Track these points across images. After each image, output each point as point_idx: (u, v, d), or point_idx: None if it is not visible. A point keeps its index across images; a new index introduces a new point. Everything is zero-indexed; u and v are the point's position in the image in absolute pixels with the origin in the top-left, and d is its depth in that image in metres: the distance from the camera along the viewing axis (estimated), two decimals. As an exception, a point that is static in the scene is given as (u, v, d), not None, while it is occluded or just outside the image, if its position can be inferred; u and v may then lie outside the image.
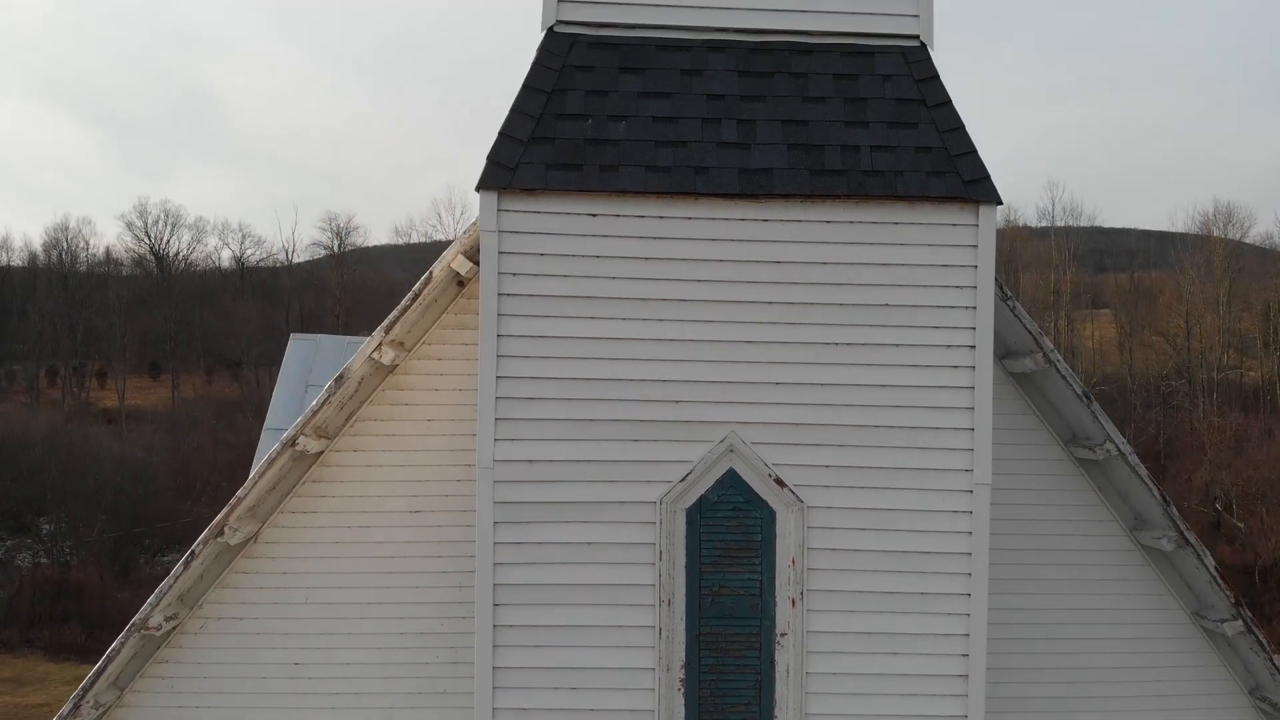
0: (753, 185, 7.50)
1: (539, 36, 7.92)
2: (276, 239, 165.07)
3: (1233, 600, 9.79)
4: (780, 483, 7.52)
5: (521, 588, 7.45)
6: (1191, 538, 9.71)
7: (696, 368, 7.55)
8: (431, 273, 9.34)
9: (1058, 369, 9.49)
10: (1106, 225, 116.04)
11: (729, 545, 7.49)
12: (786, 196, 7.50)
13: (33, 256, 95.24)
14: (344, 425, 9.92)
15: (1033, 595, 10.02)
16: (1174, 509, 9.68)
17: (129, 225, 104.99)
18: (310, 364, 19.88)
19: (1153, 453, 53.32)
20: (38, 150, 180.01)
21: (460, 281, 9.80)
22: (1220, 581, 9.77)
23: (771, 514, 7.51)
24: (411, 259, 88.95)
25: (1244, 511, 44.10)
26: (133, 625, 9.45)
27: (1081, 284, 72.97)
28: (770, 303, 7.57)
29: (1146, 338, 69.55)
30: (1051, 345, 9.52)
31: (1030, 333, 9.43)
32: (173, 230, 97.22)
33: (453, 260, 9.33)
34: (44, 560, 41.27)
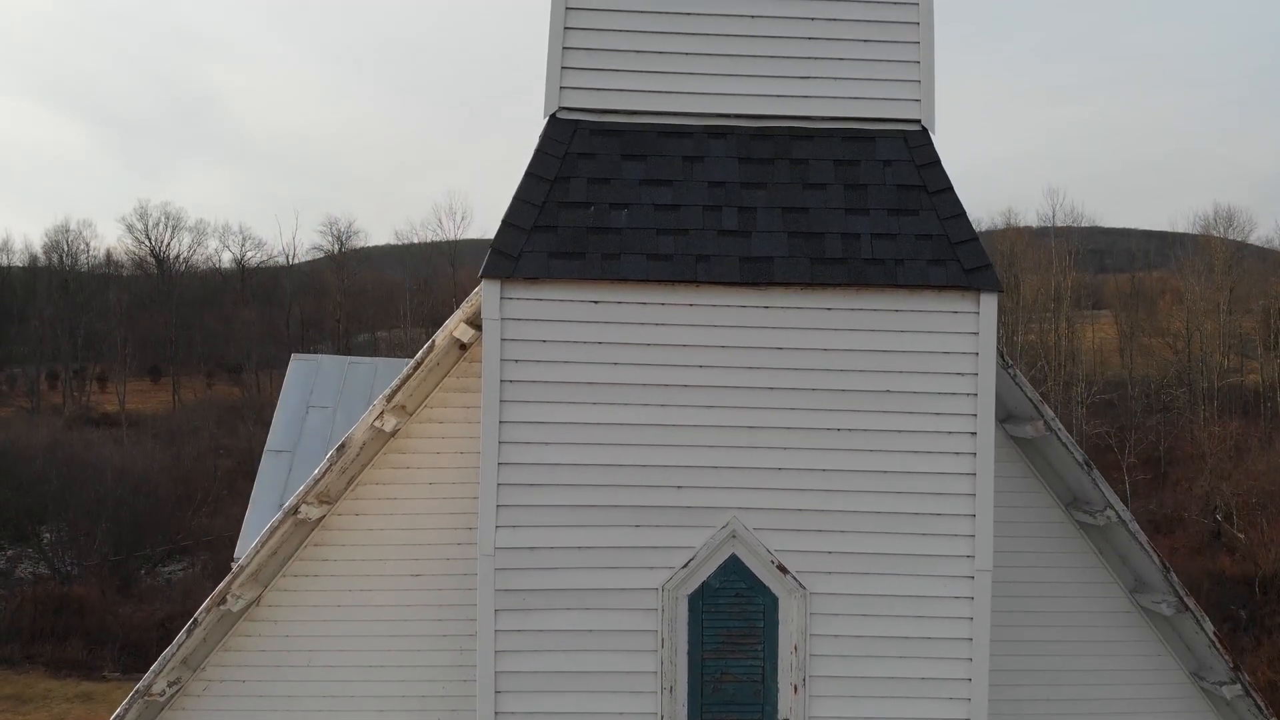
0: (754, 274, 7.53)
1: (539, 37, 7.96)
2: (277, 242, 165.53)
3: (1231, 664, 9.83)
4: (783, 569, 7.55)
5: (523, 675, 7.48)
6: (1190, 603, 9.74)
7: (698, 453, 7.58)
8: (434, 341, 9.37)
9: (1059, 437, 9.51)
10: (1107, 225, 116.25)
11: (731, 632, 7.53)
12: (787, 284, 7.53)
13: (33, 259, 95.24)
14: (345, 489, 9.94)
15: (1033, 656, 10.04)
16: (1174, 575, 9.71)
17: (130, 228, 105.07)
18: (311, 385, 19.90)
19: (1153, 459, 53.37)
20: (38, 150, 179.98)
21: (462, 345, 9.82)
22: (1219, 646, 9.80)
23: (774, 600, 7.54)
24: (411, 259, 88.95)
25: (1244, 522, 44.07)
26: (136, 693, 9.49)
27: (1082, 285, 72.93)
28: (772, 389, 7.60)
29: (1146, 340, 69.57)
30: (1053, 414, 9.55)
31: (1031, 401, 9.45)
32: (173, 233, 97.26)
33: (455, 329, 9.35)
34: (44, 571, 41.30)
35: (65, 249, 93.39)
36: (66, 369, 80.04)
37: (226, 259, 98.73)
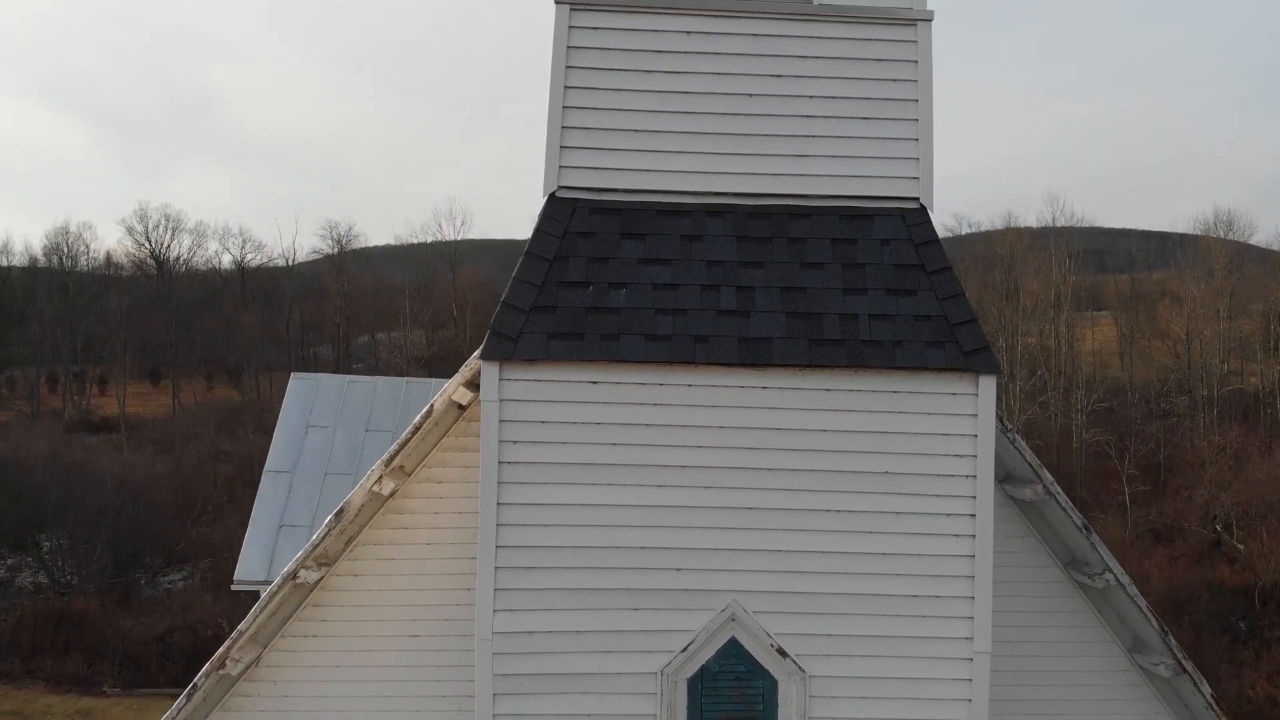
0: (752, 355, 7.52)
1: (538, 37, 7.99)
2: (277, 245, 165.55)
3: (1231, 726, 9.82)
4: (782, 652, 7.54)
5: (522, 759, 7.46)
6: (1188, 665, 9.74)
7: (697, 535, 7.57)
8: (432, 406, 9.36)
9: (1058, 501, 9.51)
10: (1107, 226, 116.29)
11: (731, 715, 7.52)
12: (785, 365, 7.51)
13: (33, 260, 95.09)
14: (344, 550, 9.93)
15: (1030, 717, 10.03)
16: (1172, 639, 9.72)
17: (129, 230, 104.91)
18: (310, 404, 19.91)
19: (1153, 465, 53.30)
20: (38, 150, 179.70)
21: (460, 405, 9.80)
22: (1217, 708, 9.81)
23: (773, 683, 7.54)
24: (411, 259, 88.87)
25: (1244, 532, 44.00)
26: (135, 757, 9.49)
27: (1081, 288, 72.75)
28: (771, 470, 7.59)
29: (1146, 341, 69.46)
30: (1051, 478, 9.54)
31: (1030, 465, 9.45)
32: (173, 235, 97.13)
33: (453, 393, 9.34)
34: (44, 580, 41.27)
35: (65, 251, 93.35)
36: (66, 372, 79.95)
37: (227, 261, 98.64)
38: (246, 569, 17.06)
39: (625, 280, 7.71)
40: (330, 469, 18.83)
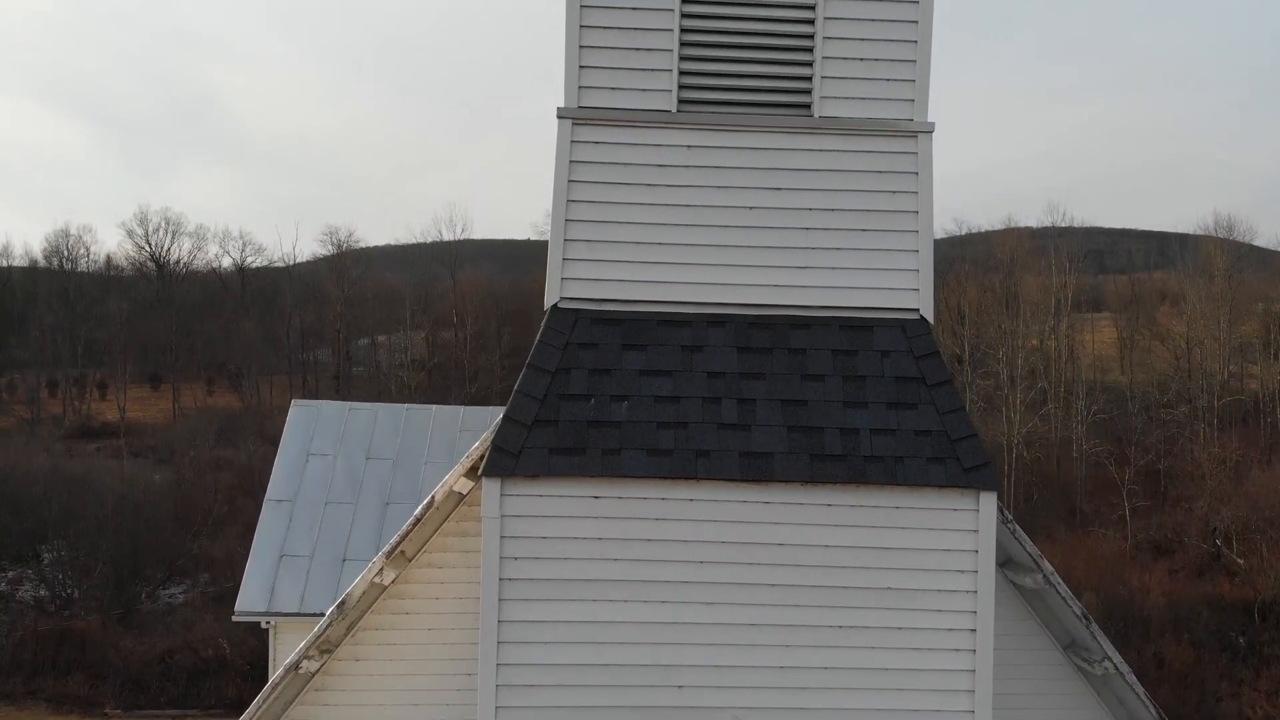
0: (753, 470, 7.52)
1: (538, 37, 7.99)
2: (277, 249, 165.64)
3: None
4: (782, 768, 7.55)
5: None
6: (1190, 752, 9.77)
7: (699, 651, 7.57)
8: (434, 497, 9.39)
9: (1058, 590, 9.53)
10: (1107, 226, 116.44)
11: (730, 831, 7.52)
12: (787, 481, 7.52)
13: (33, 262, 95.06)
14: (345, 635, 9.95)
15: (1031, 799, 10.06)
16: (1171, 726, 9.74)
17: (130, 233, 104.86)
18: (311, 432, 19.97)
19: (1153, 474, 53.27)
20: (38, 150, 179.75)
21: (461, 493, 9.82)
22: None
23: (773, 799, 7.53)
24: (410, 260, 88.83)
25: (1244, 546, 43.99)
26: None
27: (1081, 291, 72.60)
28: (772, 585, 7.60)
29: (1146, 344, 69.37)
30: (1051, 568, 9.56)
31: (1030, 555, 9.47)
32: (173, 238, 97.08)
33: (455, 484, 9.36)
34: (44, 594, 41.23)
35: (65, 253, 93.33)
36: (66, 377, 79.96)
37: (227, 263, 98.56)
38: (248, 600, 17.11)
39: (627, 392, 7.71)
40: (330, 498, 18.89)
